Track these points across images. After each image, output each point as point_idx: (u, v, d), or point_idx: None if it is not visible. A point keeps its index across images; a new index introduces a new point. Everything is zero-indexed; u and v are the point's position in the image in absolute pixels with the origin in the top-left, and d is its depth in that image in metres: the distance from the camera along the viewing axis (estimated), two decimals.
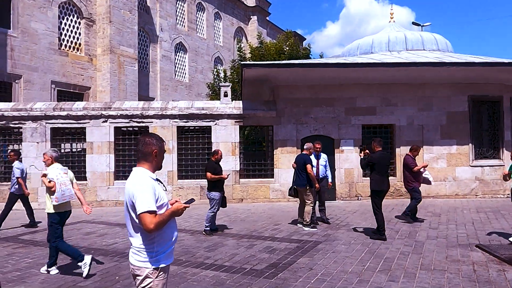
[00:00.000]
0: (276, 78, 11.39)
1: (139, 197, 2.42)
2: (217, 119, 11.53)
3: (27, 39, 19.23)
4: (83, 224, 8.78)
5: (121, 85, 23.26)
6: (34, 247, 6.71)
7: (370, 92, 11.65)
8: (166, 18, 28.20)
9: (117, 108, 11.47)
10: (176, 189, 11.44)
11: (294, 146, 11.53)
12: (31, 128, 11.33)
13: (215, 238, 7.07)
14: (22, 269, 5.44)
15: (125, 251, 6.28)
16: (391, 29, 14.93)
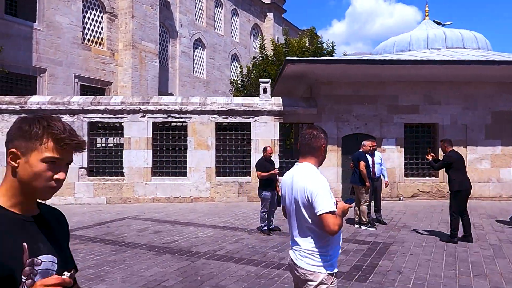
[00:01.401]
0: (317, 74, 11.14)
1: (321, 196, 2.20)
2: (256, 116, 11.31)
3: (52, 32, 19.10)
4: (129, 220, 8.61)
5: (142, 81, 23.10)
6: (92, 243, 6.53)
7: (412, 89, 11.38)
8: (185, 14, 27.99)
9: (155, 103, 11.28)
10: (214, 187, 11.25)
11: (334, 144, 11.29)
12: (68, 122, 11.14)
13: (276, 238, 6.86)
14: (93, 266, 5.26)
15: (190, 249, 6.10)
16: (427, 26, 14.62)
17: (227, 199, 11.24)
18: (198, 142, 11.27)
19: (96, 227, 7.92)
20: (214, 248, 6.16)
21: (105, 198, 11.14)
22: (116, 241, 6.71)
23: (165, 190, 11.21)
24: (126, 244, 6.47)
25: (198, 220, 8.50)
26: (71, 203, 11.07)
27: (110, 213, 9.58)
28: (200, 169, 11.24)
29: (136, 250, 6.11)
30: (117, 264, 5.38)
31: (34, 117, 1.24)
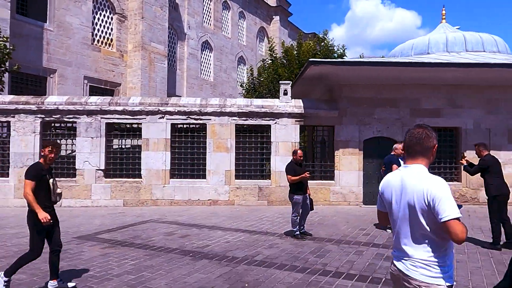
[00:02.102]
0: (340, 76, 10.97)
1: (446, 201, 2.02)
2: (277, 118, 11.14)
3: (62, 33, 18.96)
4: (152, 223, 8.40)
5: (151, 82, 22.95)
6: (122, 247, 6.32)
7: (435, 93, 11.23)
8: (193, 16, 27.90)
9: (174, 104, 11.10)
10: (234, 190, 11.05)
11: (356, 147, 11.12)
12: (86, 123, 10.97)
13: (310, 243, 6.66)
14: (132, 272, 5.05)
15: (226, 254, 5.90)
16: (444, 29, 14.50)
17: (246, 203, 11.04)
18: (217, 144, 11.08)
19: (121, 230, 7.71)
20: (250, 253, 5.96)
21: (122, 200, 10.93)
22: (146, 245, 6.50)
23: (184, 193, 11.00)
24: (158, 249, 6.26)
25: (223, 224, 8.30)
26: (87, 205, 10.85)
27: (131, 216, 9.36)
28: (219, 171, 11.04)
29: (170, 254, 5.91)
30: (155, 269, 5.17)
31: None
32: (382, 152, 11.13)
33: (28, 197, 4.19)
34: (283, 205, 10.97)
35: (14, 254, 5.91)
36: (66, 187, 10.85)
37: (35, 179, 4.25)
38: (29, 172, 4.28)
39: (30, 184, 4.22)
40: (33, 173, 4.26)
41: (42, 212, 4.17)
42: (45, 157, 4.41)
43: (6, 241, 6.77)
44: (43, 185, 4.32)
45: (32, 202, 4.19)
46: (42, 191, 4.31)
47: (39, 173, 4.30)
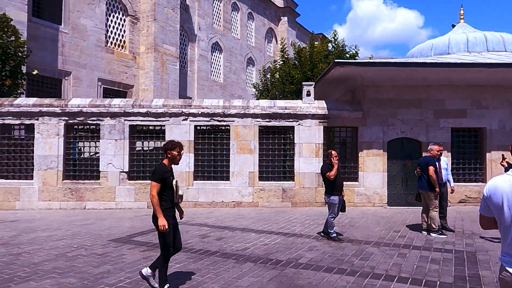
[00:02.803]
0: (364, 77, 10.94)
1: None
2: (300, 119, 11.10)
3: (77, 35, 19.00)
4: (182, 226, 8.28)
5: (164, 84, 22.97)
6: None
7: (459, 93, 11.17)
8: (204, 17, 27.92)
9: (197, 105, 11.09)
10: (257, 191, 11.03)
11: (380, 148, 11.07)
12: (110, 125, 10.97)
13: (349, 245, 6.62)
14: (180, 276, 5.02)
15: (268, 257, 5.87)
16: (463, 29, 14.43)
17: (270, 204, 11.00)
18: (241, 146, 11.05)
19: (154, 233, 7.66)
20: (292, 256, 5.92)
21: (146, 202, 10.91)
22: (185, 248, 6.45)
23: (207, 195, 10.98)
24: (198, 252, 6.24)
25: (254, 226, 8.26)
26: (111, 208, 10.85)
27: None
28: (243, 173, 11.02)
29: (212, 257, 5.88)
30: (203, 273, 5.15)
31: None
32: (406, 153, 11.15)
33: (153, 199, 4.17)
34: (307, 207, 10.94)
35: (55, 258, 5.90)
36: (90, 189, 10.86)
37: (161, 181, 4.21)
38: (156, 173, 4.22)
39: (156, 186, 4.18)
40: (159, 175, 4.21)
41: (162, 218, 4.14)
42: (172, 158, 4.38)
43: (42, 244, 6.76)
44: (167, 186, 4.29)
45: (156, 206, 4.17)
46: (166, 192, 4.29)
47: (164, 175, 4.26)
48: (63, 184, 10.86)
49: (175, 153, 4.35)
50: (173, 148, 4.36)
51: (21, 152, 11.08)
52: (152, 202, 4.19)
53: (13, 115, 10.90)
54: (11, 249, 6.47)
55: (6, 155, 11.01)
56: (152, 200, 4.17)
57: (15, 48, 11.80)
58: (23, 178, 11.02)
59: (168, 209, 4.29)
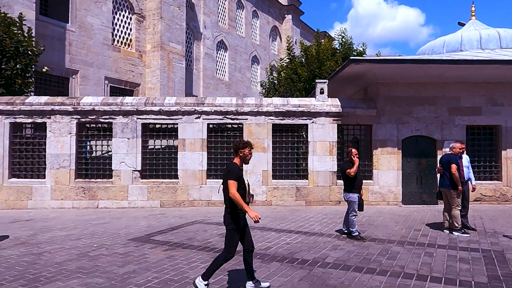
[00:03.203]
0: (378, 74, 10.84)
1: None
2: (314, 117, 11.01)
3: (84, 33, 18.92)
4: (200, 225, 8.29)
5: (170, 83, 22.89)
6: (184, 250, 6.22)
7: (475, 91, 11.07)
8: (209, 15, 27.81)
9: (210, 103, 11.00)
10: (271, 190, 10.95)
11: (394, 146, 10.97)
12: (122, 124, 10.89)
13: (373, 244, 6.54)
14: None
15: (294, 256, 5.80)
16: (475, 27, 14.31)
17: (284, 203, 10.93)
18: (254, 144, 10.93)
19: (172, 232, 7.61)
20: (318, 255, 5.84)
21: (159, 201, 10.84)
22: (206, 247, 6.41)
23: (221, 193, 10.86)
24: (220, 250, 6.10)
25: (272, 225, 8.18)
26: (124, 207, 10.78)
27: (172, 217, 9.27)
28: (257, 172, 10.94)
29: (236, 257, 5.77)
30: (231, 273, 5.07)
31: None
32: (420, 151, 11.06)
33: (235, 196, 4.18)
34: (321, 206, 10.86)
35: (77, 257, 5.83)
36: (102, 188, 10.80)
37: (238, 179, 4.23)
38: (233, 172, 4.25)
39: (235, 184, 4.21)
40: (237, 173, 4.26)
41: (251, 211, 4.15)
42: (244, 157, 4.41)
43: (62, 244, 6.69)
44: (241, 185, 4.30)
45: (239, 201, 4.18)
46: (239, 191, 4.28)
47: (240, 173, 4.31)
48: (76, 183, 10.79)
49: (246, 152, 4.38)
50: (245, 147, 4.39)
51: (33, 151, 11.01)
52: (234, 200, 4.19)
53: (25, 114, 10.82)
54: (31, 248, 6.41)
55: (18, 154, 10.95)
56: (234, 198, 4.19)
57: (27, 47, 11.71)
58: (35, 177, 10.96)
59: (240, 209, 4.28)
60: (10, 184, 10.69)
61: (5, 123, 10.80)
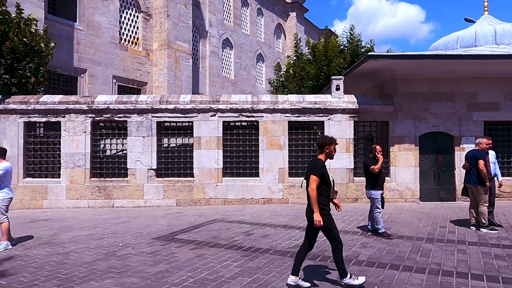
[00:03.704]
0: (394, 70, 10.74)
1: None
2: (330, 114, 10.92)
3: (92, 32, 18.82)
4: (221, 223, 8.21)
5: (177, 81, 22.79)
6: (212, 248, 6.14)
7: (493, 86, 10.95)
8: (214, 13, 27.68)
9: (225, 101, 10.91)
10: (287, 187, 10.86)
11: (412, 143, 10.88)
12: (137, 122, 10.81)
13: (401, 241, 6.46)
14: (243, 274, 4.86)
15: (325, 254, 5.71)
16: (488, 22, 14.18)
17: (301, 201, 10.83)
18: (270, 142, 10.88)
19: (194, 230, 7.53)
20: (349, 253, 5.75)
21: (175, 200, 10.77)
22: (234, 245, 6.32)
23: (237, 192, 10.82)
24: (250, 249, 6.07)
25: (294, 223, 8.10)
26: (140, 206, 10.71)
27: (192, 216, 9.19)
28: (273, 169, 10.85)
29: (267, 255, 5.72)
30: (266, 271, 4.99)
31: None
32: (438, 147, 10.96)
33: (312, 193, 4.18)
34: None
35: (105, 257, 5.75)
36: (118, 187, 10.72)
37: (321, 176, 4.24)
38: (318, 168, 4.24)
39: (316, 180, 4.21)
40: (322, 169, 4.25)
41: (318, 214, 4.16)
42: (330, 153, 4.43)
43: (86, 243, 6.62)
44: (325, 182, 4.30)
45: (314, 200, 4.19)
46: (324, 188, 4.29)
47: (324, 170, 4.31)
48: (91, 182, 10.71)
49: (332, 148, 4.41)
50: (331, 143, 4.40)
51: (48, 150, 10.93)
52: (310, 196, 4.18)
53: (39, 113, 10.74)
54: (56, 248, 6.33)
55: (32, 154, 10.87)
56: (311, 194, 4.17)
57: (38, 45, 11.61)
58: (50, 176, 10.89)
59: (327, 205, 4.31)
60: (25, 184, 10.62)
61: (20, 122, 10.72)
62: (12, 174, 6.93)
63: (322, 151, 4.43)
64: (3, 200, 6.49)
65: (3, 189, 6.50)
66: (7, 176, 6.64)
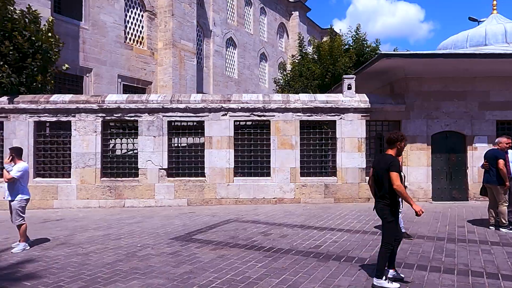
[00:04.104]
0: (406, 69, 10.69)
1: None
2: (342, 113, 10.86)
3: (97, 31, 18.74)
4: (236, 223, 8.15)
5: (182, 80, 22.71)
6: (232, 249, 6.08)
7: (505, 85, 10.91)
8: (218, 12, 27.61)
9: (237, 100, 10.85)
10: (299, 187, 10.80)
11: (424, 142, 10.83)
12: (148, 121, 10.74)
13: (423, 241, 6.40)
14: (272, 275, 4.80)
15: (349, 254, 5.66)
16: (497, 21, 14.14)
17: (312, 200, 10.79)
18: (281, 141, 10.82)
19: (210, 231, 7.47)
20: (373, 254, 5.70)
21: (186, 200, 10.71)
22: (254, 246, 6.27)
23: (248, 191, 10.77)
24: (270, 249, 6.01)
25: (310, 223, 8.04)
26: (151, 205, 10.65)
27: (205, 216, 9.13)
28: (284, 169, 10.80)
29: (290, 256, 5.66)
30: (293, 272, 4.93)
31: None
32: (450, 146, 10.92)
33: (401, 189, 4.20)
34: (350, 203, 10.73)
35: (126, 258, 5.69)
36: (128, 187, 10.66)
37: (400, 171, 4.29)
38: (395, 164, 4.29)
39: (398, 176, 4.23)
40: (399, 165, 4.31)
41: (415, 204, 4.19)
42: (400, 150, 4.48)
43: (104, 244, 6.56)
44: (400, 177, 4.36)
45: (405, 194, 4.21)
46: None
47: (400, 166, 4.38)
48: (102, 182, 10.64)
49: (403, 145, 4.47)
50: (402, 140, 4.45)
51: (58, 149, 10.86)
52: (400, 191, 4.20)
53: (49, 112, 10.67)
54: (74, 249, 6.27)
55: (42, 153, 10.80)
56: (399, 190, 4.19)
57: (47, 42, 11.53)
58: (60, 176, 10.82)
59: (398, 200, 4.36)
60: (35, 184, 10.53)
61: (30, 122, 10.65)
62: (28, 174, 6.84)
63: (393, 147, 4.44)
64: (20, 201, 6.40)
65: (21, 190, 6.41)
66: (25, 177, 6.56)
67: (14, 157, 6.56)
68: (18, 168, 6.42)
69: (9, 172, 6.33)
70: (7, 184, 6.41)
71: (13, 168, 6.40)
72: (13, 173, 6.33)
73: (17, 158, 6.57)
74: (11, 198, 6.38)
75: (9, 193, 6.39)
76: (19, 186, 6.41)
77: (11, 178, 6.31)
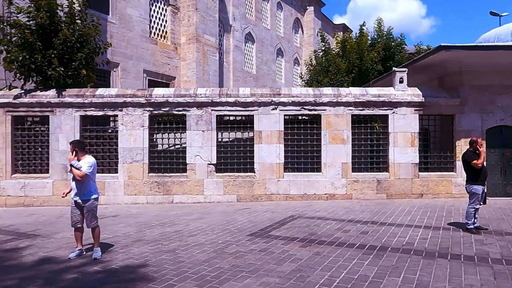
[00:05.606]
0: (462, 63, 10.42)
1: None
2: (394, 107, 10.61)
3: (123, 25, 18.45)
4: (302, 220, 7.92)
5: (205, 75, 22.44)
6: (322, 246, 5.85)
7: None
8: (237, 7, 27.27)
9: (287, 94, 10.59)
10: (351, 183, 10.57)
11: (478, 137, 10.52)
12: (196, 116, 10.50)
13: (496, 238, 6.19)
14: (393, 273, 4.58)
15: (454, 251, 5.42)
16: None
17: (365, 196, 10.56)
18: (333, 136, 10.58)
19: (283, 227, 7.24)
20: (476, 251, 5.47)
21: (236, 195, 10.48)
22: (342, 243, 6.03)
23: (299, 187, 10.53)
24: (362, 246, 5.79)
25: (380, 219, 7.81)
26: (200, 201, 10.43)
27: (263, 212, 8.91)
28: (336, 164, 10.56)
29: (389, 253, 5.44)
30: (408, 271, 4.70)
31: None
32: (504, 141, 10.67)
33: None
34: (403, 199, 10.49)
35: (217, 255, 5.47)
36: (177, 182, 10.44)
37: None
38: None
39: None
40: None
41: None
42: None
43: (183, 240, 6.33)
44: None
45: None
46: None
47: None
48: (149, 178, 10.42)
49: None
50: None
51: (104, 144, 10.63)
52: None
53: (96, 106, 10.43)
54: (155, 246, 6.05)
55: (88, 148, 10.54)
56: None
57: (89, 37, 11.29)
58: (106, 171, 10.59)
59: None
60: None
61: (76, 116, 10.41)
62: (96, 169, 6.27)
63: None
64: (94, 201, 5.75)
65: (94, 188, 5.80)
66: (95, 172, 5.91)
67: (77, 151, 5.97)
68: (88, 163, 5.72)
69: (79, 169, 5.63)
70: (74, 182, 5.73)
71: (81, 163, 5.71)
72: (85, 169, 5.65)
73: (80, 152, 5.85)
74: (84, 198, 5.68)
75: (77, 192, 5.69)
76: (90, 183, 5.77)
77: (84, 175, 5.63)
